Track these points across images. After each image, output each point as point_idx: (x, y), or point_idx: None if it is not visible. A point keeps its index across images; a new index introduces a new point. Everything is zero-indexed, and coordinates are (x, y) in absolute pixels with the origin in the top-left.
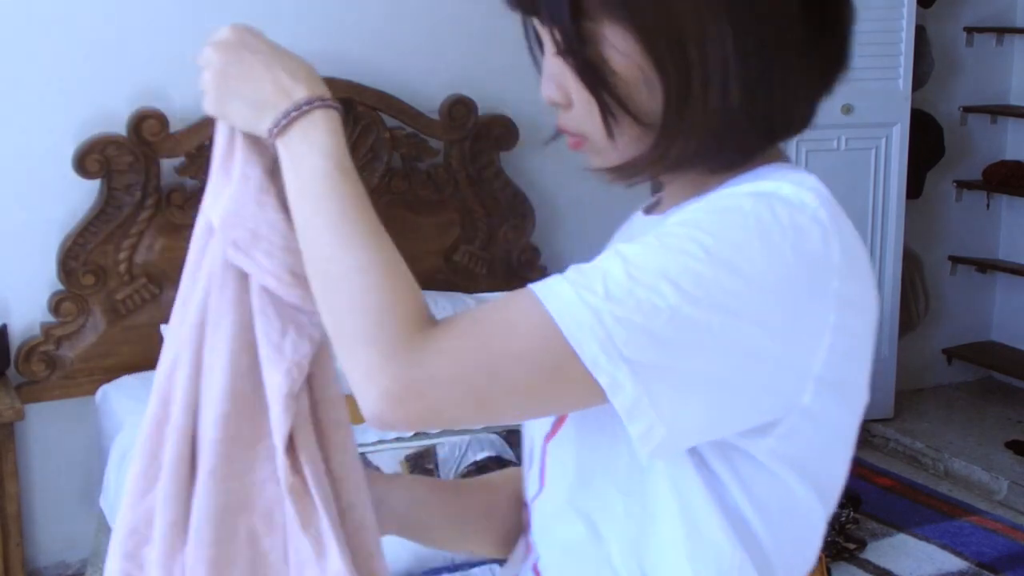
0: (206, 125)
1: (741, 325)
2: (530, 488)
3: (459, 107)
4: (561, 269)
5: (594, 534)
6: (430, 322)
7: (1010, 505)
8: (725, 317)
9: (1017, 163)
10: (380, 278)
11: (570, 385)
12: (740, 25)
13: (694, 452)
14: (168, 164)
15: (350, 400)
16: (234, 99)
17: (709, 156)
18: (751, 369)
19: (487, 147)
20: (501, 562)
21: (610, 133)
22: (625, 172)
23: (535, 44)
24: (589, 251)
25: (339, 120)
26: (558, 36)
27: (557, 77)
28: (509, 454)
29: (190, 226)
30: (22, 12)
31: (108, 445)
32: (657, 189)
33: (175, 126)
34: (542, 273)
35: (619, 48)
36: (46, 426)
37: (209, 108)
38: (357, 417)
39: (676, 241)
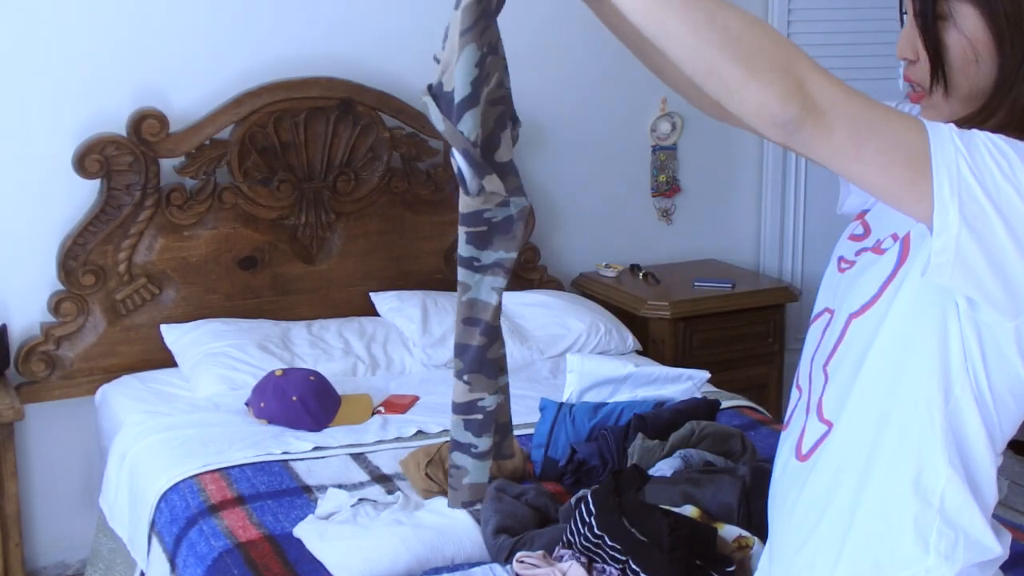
0: (206, 125)
1: None
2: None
3: None
4: (561, 269)
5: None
6: None
7: (1010, 505)
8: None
9: None
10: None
11: (909, 176)
12: None
13: (945, 344)
14: (168, 164)
15: (351, 399)
16: None
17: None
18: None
19: None
20: (501, 563)
21: (930, 92)
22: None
23: (905, 7)
24: (589, 251)
25: None
26: (917, 6)
27: (911, 38)
28: None
29: (190, 226)
30: (23, 13)
31: (108, 445)
32: None
33: (175, 126)
34: (542, 273)
35: (964, 27)
36: (46, 426)
37: None
38: (358, 417)
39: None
